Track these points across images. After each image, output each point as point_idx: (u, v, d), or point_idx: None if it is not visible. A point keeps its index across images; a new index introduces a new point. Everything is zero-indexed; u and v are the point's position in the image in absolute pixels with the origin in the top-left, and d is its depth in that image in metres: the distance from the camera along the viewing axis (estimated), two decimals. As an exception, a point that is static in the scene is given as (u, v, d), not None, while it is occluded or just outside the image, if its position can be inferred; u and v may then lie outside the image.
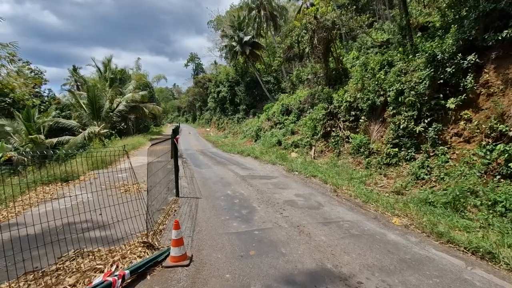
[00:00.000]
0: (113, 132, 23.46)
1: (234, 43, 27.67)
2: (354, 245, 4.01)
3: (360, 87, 10.94)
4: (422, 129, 7.84)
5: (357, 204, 6.10)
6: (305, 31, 15.95)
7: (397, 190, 7.28)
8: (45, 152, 3.70)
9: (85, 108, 23.00)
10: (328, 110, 12.68)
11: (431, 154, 7.53)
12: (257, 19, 28.92)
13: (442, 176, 6.78)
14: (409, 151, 8.14)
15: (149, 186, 4.07)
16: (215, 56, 74.18)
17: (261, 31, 30.51)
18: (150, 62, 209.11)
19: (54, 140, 21.02)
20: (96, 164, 9.98)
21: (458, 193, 5.70)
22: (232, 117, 31.40)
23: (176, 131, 6.52)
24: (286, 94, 22.41)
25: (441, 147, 7.27)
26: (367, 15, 18.92)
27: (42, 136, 20.44)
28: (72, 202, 5.98)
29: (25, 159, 15.58)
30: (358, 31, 17.40)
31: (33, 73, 31.35)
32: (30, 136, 19.44)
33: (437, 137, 7.46)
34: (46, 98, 31.48)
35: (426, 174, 7.22)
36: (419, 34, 10.76)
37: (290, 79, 23.90)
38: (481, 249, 3.78)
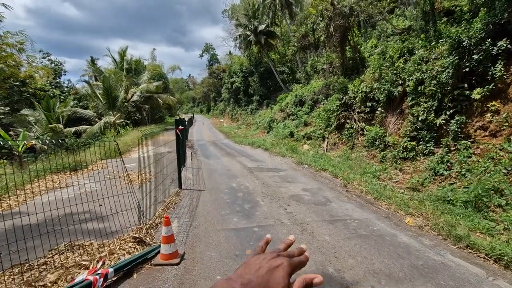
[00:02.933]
0: (128, 122, 23.87)
1: (248, 32, 27.10)
2: (361, 247, 3.70)
3: (377, 77, 10.33)
4: (443, 121, 7.25)
5: (368, 201, 5.73)
6: (321, 19, 15.20)
7: (413, 186, 6.82)
8: (65, 141, 3.61)
9: (101, 99, 23.47)
10: (343, 101, 12.13)
11: (452, 148, 6.96)
12: (272, 7, 28.04)
13: (463, 173, 6.25)
14: (427, 144, 7.59)
15: (141, 180, 3.91)
16: (230, 46, 73.77)
17: (276, 20, 29.64)
18: (166, 53, 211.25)
19: (72, 129, 21.70)
20: (108, 153, 10.07)
21: (480, 191, 5.20)
22: (245, 108, 31.10)
23: (178, 122, 6.34)
24: (301, 85, 21.79)
25: (463, 141, 6.69)
26: (388, 0, 17.82)
27: (61, 125, 21.08)
28: (76, 192, 6.01)
29: (46, 147, 16.16)
30: (378, 18, 16.44)
31: (52, 64, 32.29)
32: (50, 126, 20.08)
33: (459, 130, 6.87)
34: (65, 89, 32.41)
35: (446, 170, 6.70)
36: (444, 19, 9.93)
37: (304, 69, 23.21)
38: (505, 257, 3.36)
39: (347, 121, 11.77)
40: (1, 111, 21.37)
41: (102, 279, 2.55)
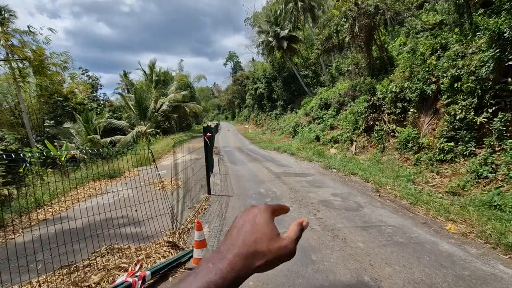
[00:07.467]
0: (158, 131, 24.97)
1: (270, 39, 27.28)
2: (398, 255, 3.51)
3: (407, 76, 9.87)
4: (485, 119, 6.72)
5: (403, 206, 5.44)
6: (345, 20, 14.92)
7: (453, 190, 6.36)
8: (100, 150, 3.90)
9: (133, 109, 24.84)
10: (371, 102, 11.73)
11: (496, 148, 6.42)
12: (293, 12, 28.06)
13: (511, 175, 5.73)
14: (467, 145, 7.07)
15: (173, 186, 4.05)
16: (252, 53, 74.74)
17: (298, 24, 29.58)
18: (192, 63, 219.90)
19: (108, 139, 23.15)
20: (141, 161, 10.57)
21: (533, 196, 4.74)
22: (269, 113, 31.18)
23: (206, 129, 6.51)
24: (325, 88, 21.45)
25: (509, 141, 6.14)
26: (416, -5, 17.05)
27: (98, 136, 22.58)
28: (114, 198, 6.37)
29: (85, 156, 17.39)
30: (405, 15, 15.76)
31: (90, 79, 34.80)
32: (89, 137, 21.58)
33: (504, 128, 6.32)
34: (101, 102, 34.69)
35: (491, 172, 6.17)
36: (480, 11, 9.27)
37: (329, 71, 22.83)
38: None
39: (376, 123, 11.34)
40: (47, 124, 23.36)
41: (140, 282, 2.67)
